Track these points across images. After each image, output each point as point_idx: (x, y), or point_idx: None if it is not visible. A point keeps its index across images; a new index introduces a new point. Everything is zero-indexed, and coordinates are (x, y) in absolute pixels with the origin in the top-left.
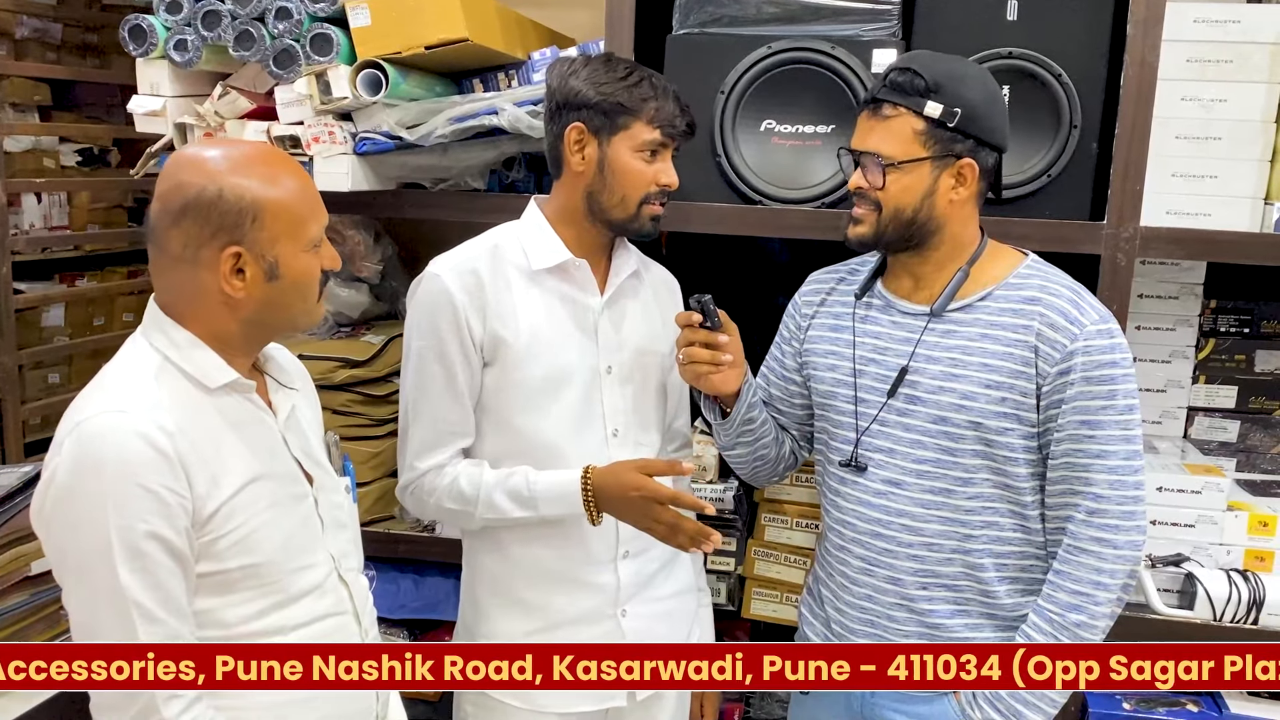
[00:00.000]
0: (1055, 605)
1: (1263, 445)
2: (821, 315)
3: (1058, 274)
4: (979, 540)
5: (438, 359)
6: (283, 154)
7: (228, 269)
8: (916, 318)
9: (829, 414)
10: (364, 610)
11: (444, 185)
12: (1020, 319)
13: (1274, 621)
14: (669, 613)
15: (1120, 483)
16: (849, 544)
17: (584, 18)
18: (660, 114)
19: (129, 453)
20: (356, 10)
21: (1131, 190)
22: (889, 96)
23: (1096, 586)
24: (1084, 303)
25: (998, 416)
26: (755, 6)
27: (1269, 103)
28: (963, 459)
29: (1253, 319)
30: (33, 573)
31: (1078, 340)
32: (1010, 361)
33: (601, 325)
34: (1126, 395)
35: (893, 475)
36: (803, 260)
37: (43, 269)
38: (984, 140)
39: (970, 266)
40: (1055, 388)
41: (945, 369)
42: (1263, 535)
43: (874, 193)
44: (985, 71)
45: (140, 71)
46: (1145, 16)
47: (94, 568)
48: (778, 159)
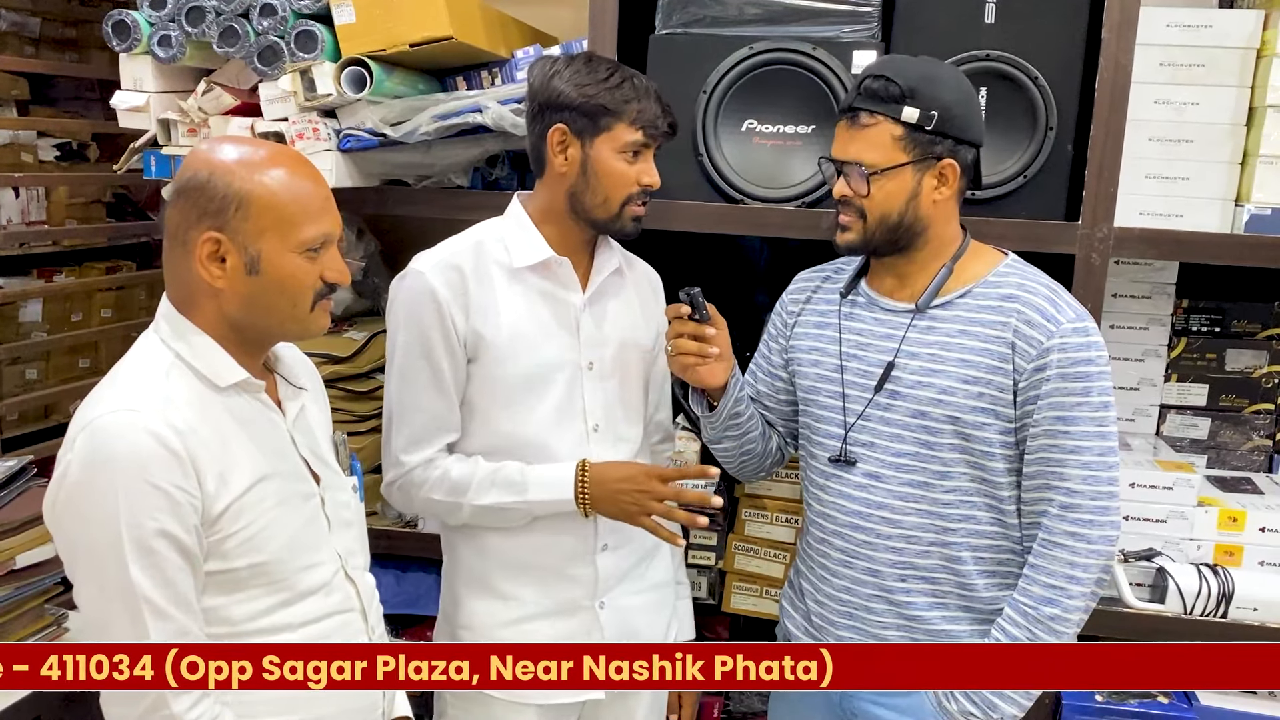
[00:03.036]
0: (1029, 599)
1: (1233, 442)
2: (807, 313)
3: (1036, 273)
4: (957, 533)
5: (423, 355)
6: (301, 160)
7: (205, 253)
8: (899, 314)
9: (812, 409)
10: (370, 608)
11: (427, 182)
12: (998, 315)
13: (1243, 615)
14: (647, 605)
15: (1094, 478)
16: (830, 536)
17: (567, 16)
18: (642, 115)
19: (140, 451)
20: (341, 7)
21: (1106, 191)
22: (866, 105)
23: (1070, 580)
24: (1061, 301)
25: (975, 411)
26: (737, 7)
27: (1239, 106)
28: (941, 453)
29: (1223, 318)
30: (17, 566)
31: (1054, 337)
32: (988, 358)
33: (583, 322)
34: (1101, 392)
35: (873, 469)
36: (782, 259)
37: (20, 264)
38: (962, 138)
39: (954, 263)
40: (1031, 384)
41: (925, 364)
42: (1232, 530)
43: (859, 200)
44: (957, 70)
45: (123, 67)
46: (1119, 21)
47: (105, 564)
48: (759, 158)
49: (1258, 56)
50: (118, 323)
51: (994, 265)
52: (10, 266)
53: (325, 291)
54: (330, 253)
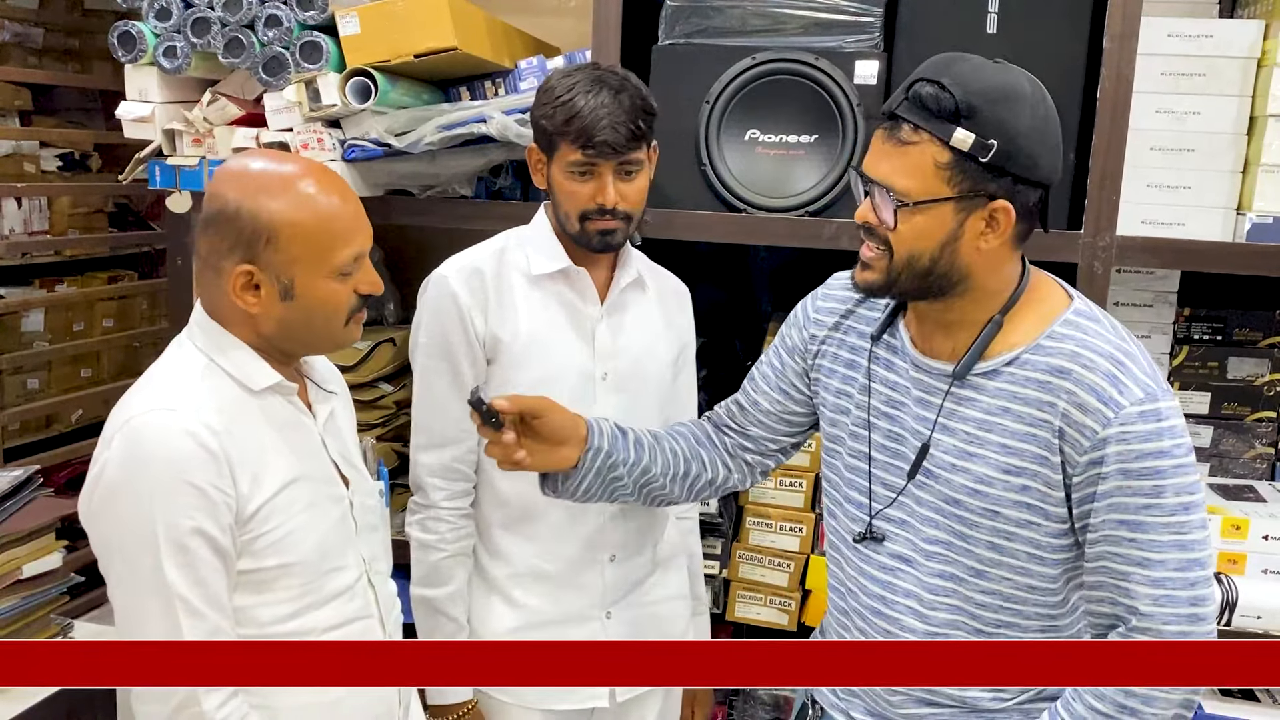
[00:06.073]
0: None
1: (1235, 450)
2: (833, 343)
3: (1101, 333)
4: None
5: (444, 356)
6: (329, 175)
7: (238, 285)
8: (936, 377)
9: (836, 462)
10: (388, 616)
11: (431, 192)
12: (1046, 394)
13: (1246, 622)
14: (657, 617)
15: (1169, 598)
16: (850, 613)
17: (571, 27)
18: (581, 135)
19: (177, 450)
20: (346, 19)
21: (1108, 200)
22: (910, 116)
23: (1134, 715)
24: (1126, 377)
25: (1018, 507)
26: (740, 18)
27: (1240, 115)
28: (976, 548)
29: (1225, 327)
30: (24, 576)
31: (1111, 425)
32: (1032, 444)
33: (600, 332)
34: (1180, 491)
35: (903, 550)
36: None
37: (22, 274)
38: (1026, 178)
39: (1004, 315)
40: (1086, 479)
41: (961, 444)
42: (1235, 538)
43: (884, 230)
44: (1040, 87)
45: (129, 78)
46: (1121, 30)
47: (140, 561)
48: (761, 168)
49: (1258, 66)
50: (120, 332)
51: (1051, 320)
52: (12, 276)
53: (359, 306)
54: (363, 266)
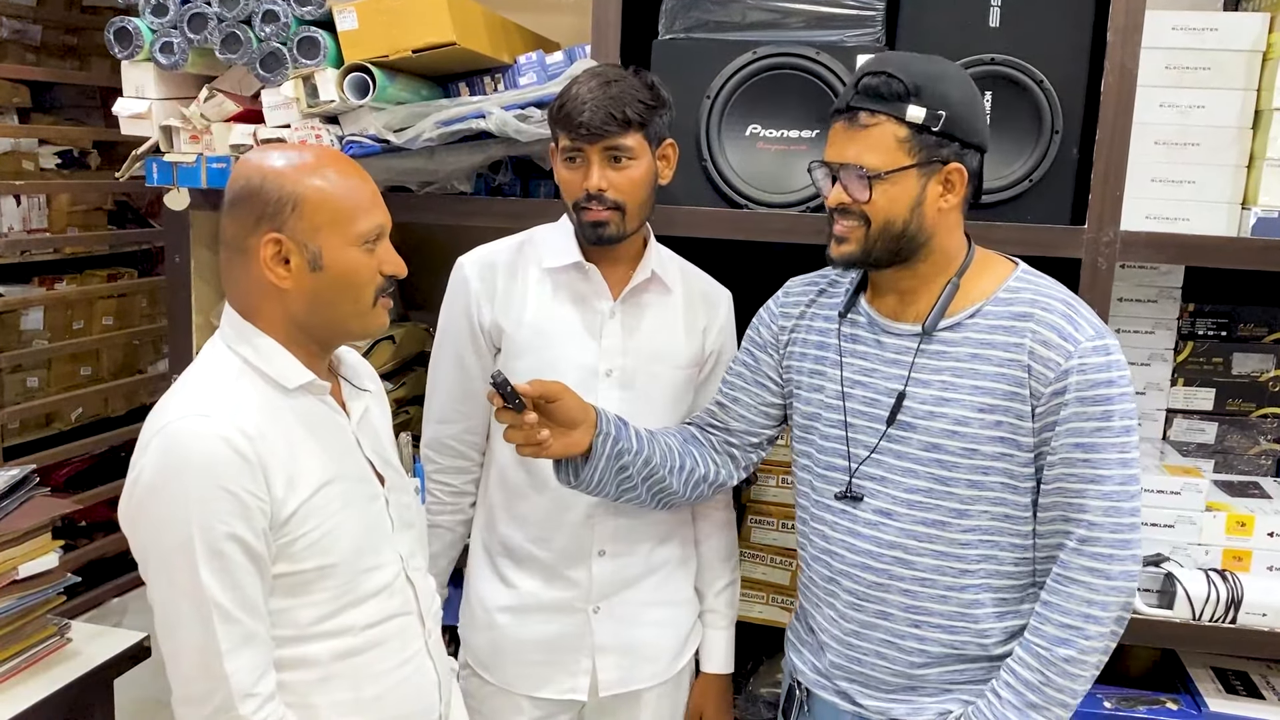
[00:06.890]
0: (1042, 639)
1: (1240, 446)
2: (802, 330)
3: (1050, 285)
4: (976, 575)
5: (451, 341)
6: (346, 159)
7: (269, 254)
8: (904, 338)
9: (813, 437)
10: (428, 612)
11: (430, 188)
12: (1011, 337)
13: (1251, 620)
14: (654, 620)
15: (1115, 509)
16: (838, 576)
17: (570, 22)
18: (565, 120)
19: (212, 456)
20: (343, 14)
21: (1112, 195)
22: (866, 104)
23: (1087, 620)
24: (1079, 317)
25: (993, 442)
26: (740, 12)
27: (1245, 109)
28: (956, 489)
29: (1230, 322)
30: (20, 576)
31: (1072, 358)
32: (1003, 383)
33: (609, 329)
34: (1123, 416)
35: (884, 505)
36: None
37: (21, 272)
38: (969, 141)
39: (960, 278)
40: (1049, 409)
41: (936, 393)
42: (1240, 535)
43: (859, 206)
44: (960, 68)
45: (125, 74)
46: (1125, 24)
47: (176, 566)
48: (762, 163)
49: (1263, 59)
50: (119, 330)
51: (1004, 279)
52: (11, 274)
53: (385, 286)
54: (385, 245)
